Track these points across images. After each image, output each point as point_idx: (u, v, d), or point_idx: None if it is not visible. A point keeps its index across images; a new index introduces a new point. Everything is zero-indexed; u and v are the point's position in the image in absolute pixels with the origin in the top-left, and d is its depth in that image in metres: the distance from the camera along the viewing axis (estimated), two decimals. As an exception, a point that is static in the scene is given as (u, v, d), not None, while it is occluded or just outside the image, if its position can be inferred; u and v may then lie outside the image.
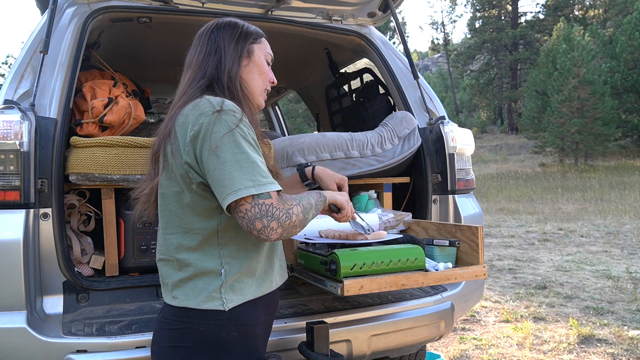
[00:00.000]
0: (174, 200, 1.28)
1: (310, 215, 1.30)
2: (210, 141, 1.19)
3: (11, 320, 1.63)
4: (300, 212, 1.24)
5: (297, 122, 22.08)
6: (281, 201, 1.21)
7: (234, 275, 1.28)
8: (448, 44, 44.48)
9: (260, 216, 1.16)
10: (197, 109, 1.24)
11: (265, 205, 1.16)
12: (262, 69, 1.44)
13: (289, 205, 1.22)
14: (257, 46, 1.44)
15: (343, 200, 1.48)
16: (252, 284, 1.31)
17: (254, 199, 1.16)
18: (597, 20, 32.84)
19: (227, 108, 1.23)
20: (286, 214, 1.19)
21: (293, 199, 1.26)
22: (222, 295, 1.26)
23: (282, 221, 1.18)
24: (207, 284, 1.27)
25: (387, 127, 2.48)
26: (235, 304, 1.27)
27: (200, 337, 1.25)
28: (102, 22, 2.26)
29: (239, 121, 1.23)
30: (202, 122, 1.21)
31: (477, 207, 2.56)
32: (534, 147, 23.97)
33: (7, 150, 1.69)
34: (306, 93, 4.31)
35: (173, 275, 1.31)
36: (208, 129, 1.20)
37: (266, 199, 1.17)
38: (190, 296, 1.27)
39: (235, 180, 1.16)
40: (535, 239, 7.79)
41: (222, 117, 1.21)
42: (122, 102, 2.20)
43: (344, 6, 2.63)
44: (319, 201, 1.38)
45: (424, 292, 2.19)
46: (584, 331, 3.62)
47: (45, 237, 1.77)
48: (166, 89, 4.37)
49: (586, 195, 13.19)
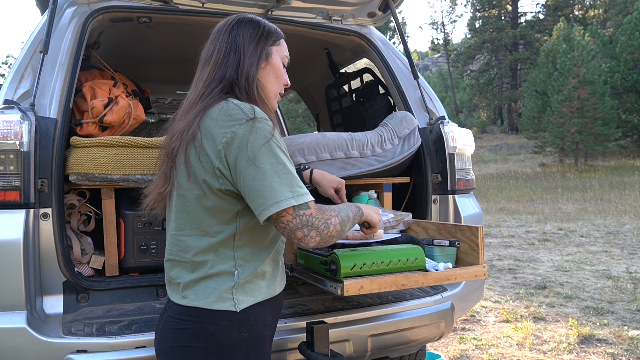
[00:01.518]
0: (195, 202, 1.27)
1: (347, 228, 1.32)
2: (248, 151, 1.18)
3: (11, 320, 1.63)
4: (338, 224, 1.26)
5: (297, 122, 22.08)
6: (320, 211, 1.24)
7: (246, 277, 1.28)
8: (448, 44, 44.49)
9: (301, 226, 1.20)
10: (227, 114, 1.22)
11: (305, 216, 1.20)
12: (278, 72, 1.41)
13: (327, 216, 1.24)
14: (276, 48, 1.41)
15: (377, 220, 1.48)
16: (263, 286, 1.32)
17: (295, 210, 1.19)
18: (597, 20, 32.86)
19: (260, 116, 1.23)
20: (325, 224, 1.23)
21: (332, 209, 1.28)
22: (233, 296, 1.27)
23: (321, 230, 1.22)
24: (219, 285, 1.27)
25: (387, 127, 2.48)
26: (246, 305, 1.27)
27: (211, 337, 1.25)
28: (102, 22, 2.26)
29: (273, 129, 1.24)
30: (236, 131, 1.20)
31: (477, 207, 2.56)
32: (534, 147, 23.97)
33: (7, 150, 1.69)
34: (306, 93, 4.31)
35: (185, 276, 1.31)
36: (244, 137, 1.19)
37: (306, 210, 1.21)
38: (201, 296, 1.27)
39: (276, 191, 1.18)
40: (535, 239, 7.79)
41: (257, 126, 1.21)
42: (122, 102, 2.20)
43: (344, 6, 2.63)
44: (357, 216, 1.39)
45: (424, 292, 2.19)
46: (584, 331, 3.62)
47: (45, 237, 1.77)
48: (166, 89, 4.37)
49: (586, 195, 13.19)
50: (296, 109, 22.06)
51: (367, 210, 1.45)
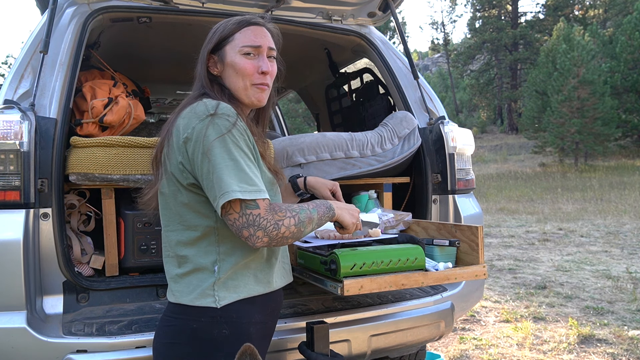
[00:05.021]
0: (172, 198, 1.31)
1: (309, 229, 1.30)
2: (203, 145, 1.22)
3: (11, 320, 1.63)
4: (292, 225, 1.24)
5: (297, 122, 22.07)
6: (271, 211, 1.22)
7: (227, 272, 1.29)
8: (448, 44, 44.48)
9: (247, 226, 1.19)
10: (194, 112, 1.27)
11: (252, 216, 1.19)
12: (236, 68, 1.36)
13: (279, 217, 1.22)
14: (229, 46, 1.38)
15: (350, 222, 1.43)
16: (248, 282, 1.32)
17: (241, 209, 1.19)
18: (597, 20, 32.85)
19: (221, 112, 1.25)
20: (274, 225, 1.21)
21: (290, 210, 1.26)
22: (214, 292, 1.27)
23: (269, 232, 1.20)
24: (202, 281, 1.28)
25: (387, 127, 2.48)
26: (228, 301, 1.28)
27: (193, 334, 1.27)
28: (102, 22, 2.26)
29: (231, 125, 1.24)
30: (196, 126, 1.24)
31: (477, 207, 2.56)
32: (534, 147, 23.97)
33: (7, 150, 1.69)
34: (306, 93, 4.31)
35: (172, 271, 1.34)
36: (201, 132, 1.23)
37: (254, 209, 1.20)
38: (185, 293, 1.29)
39: (224, 183, 1.19)
40: (535, 239, 7.79)
41: (214, 121, 1.23)
42: (122, 102, 2.20)
43: (344, 6, 2.63)
44: (325, 216, 1.36)
45: (424, 292, 2.19)
46: (584, 331, 3.62)
47: (45, 237, 1.77)
48: (166, 89, 4.37)
49: (586, 195, 13.19)
50: (296, 109, 22.06)
51: (340, 210, 1.41)
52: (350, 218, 1.43)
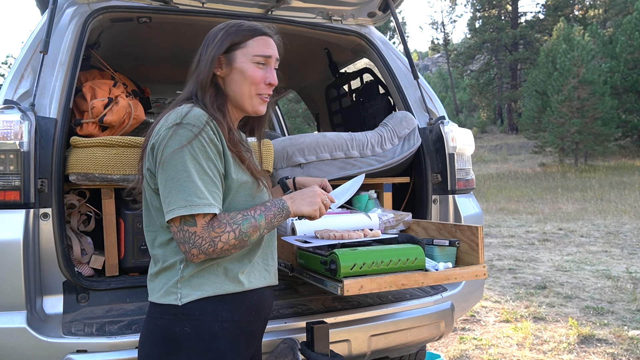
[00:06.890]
0: (148, 200, 1.34)
1: (255, 237, 1.27)
2: (162, 155, 1.23)
3: (11, 320, 1.64)
4: (232, 239, 1.23)
5: (297, 122, 22.07)
6: (208, 229, 1.21)
7: (192, 271, 1.28)
8: (448, 44, 44.47)
9: (183, 242, 1.21)
10: (167, 117, 1.28)
11: (188, 233, 1.20)
12: (246, 75, 1.36)
13: (216, 234, 1.21)
14: (241, 51, 1.37)
15: (310, 211, 1.37)
16: (216, 281, 1.30)
17: (180, 225, 1.21)
18: (597, 20, 32.83)
19: (187, 121, 1.24)
20: (210, 243, 1.21)
21: (230, 224, 1.23)
22: (177, 290, 1.28)
23: (204, 249, 1.21)
24: (168, 279, 1.30)
25: (387, 127, 2.49)
26: (190, 299, 1.27)
27: (159, 332, 1.29)
28: (102, 22, 2.26)
29: (194, 136, 1.22)
30: (162, 133, 1.25)
31: (477, 207, 2.56)
32: (534, 147, 23.96)
33: (7, 150, 1.69)
34: (306, 93, 4.31)
35: (150, 270, 1.37)
36: (163, 141, 1.24)
37: (190, 227, 1.20)
38: (155, 291, 1.32)
39: (171, 199, 1.20)
40: (535, 239, 7.79)
41: (177, 131, 1.23)
42: (122, 102, 2.20)
43: (344, 6, 2.63)
44: (277, 217, 1.31)
45: (424, 292, 2.19)
46: (584, 331, 3.62)
47: (45, 237, 1.77)
48: (166, 89, 4.37)
49: (586, 195, 13.19)
50: (296, 109, 22.06)
51: (294, 205, 1.35)
52: (309, 207, 1.36)
